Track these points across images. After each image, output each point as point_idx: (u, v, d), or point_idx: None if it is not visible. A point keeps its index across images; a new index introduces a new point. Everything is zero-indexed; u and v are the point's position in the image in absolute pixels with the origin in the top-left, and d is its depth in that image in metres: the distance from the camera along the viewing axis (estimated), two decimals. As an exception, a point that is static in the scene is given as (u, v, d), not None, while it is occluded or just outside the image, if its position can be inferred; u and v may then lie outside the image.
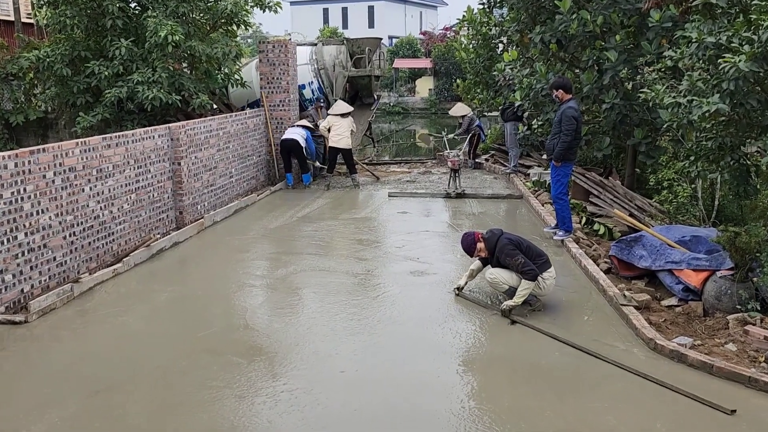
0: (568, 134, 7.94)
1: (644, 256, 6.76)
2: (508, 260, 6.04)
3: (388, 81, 44.55)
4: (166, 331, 5.80)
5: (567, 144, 7.97)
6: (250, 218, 10.11)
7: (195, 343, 5.51)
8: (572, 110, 7.97)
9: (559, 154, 8.01)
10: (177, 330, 5.84)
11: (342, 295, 6.61)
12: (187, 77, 11.40)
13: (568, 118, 7.93)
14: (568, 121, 7.93)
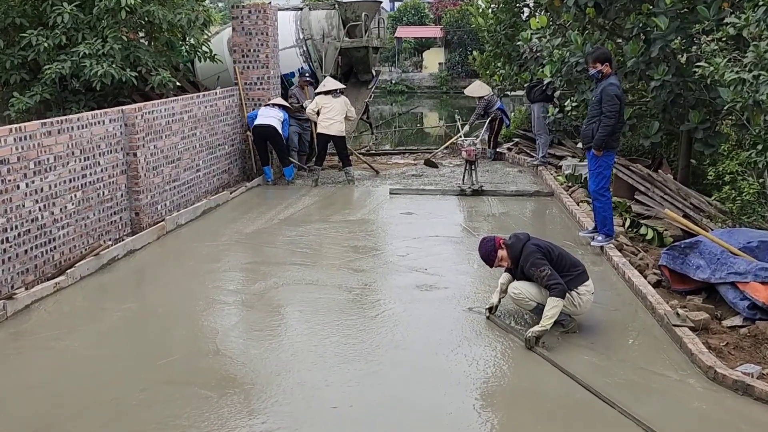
0: (610, 116, 7.91)
1: (702, 266, 6.75)
2: (532, 271, 6.03)
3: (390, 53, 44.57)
4: (119, 359, 5.78)
5: (610, 128, 7.94)
6: (221, 221, 10.12)
7: (155, 373, 5.50)
8: (615, 87, 7.95)
9: (600, 140, 7.98)
10: (133, 357, 5.82)
11: (333, 314, 6.60)
12: (144, 49, 11.41)
13: (611, 97, 7.89)
14: (610, 101, 7.90)
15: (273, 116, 12.17)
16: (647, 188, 9.63)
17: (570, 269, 6.12)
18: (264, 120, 12.09)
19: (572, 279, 6.09)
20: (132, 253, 8.51)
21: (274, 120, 12.11)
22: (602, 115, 7.94)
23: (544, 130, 13.38)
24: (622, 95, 8.06)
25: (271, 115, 12.17)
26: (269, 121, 12.07)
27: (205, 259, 8.35)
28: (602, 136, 7.96)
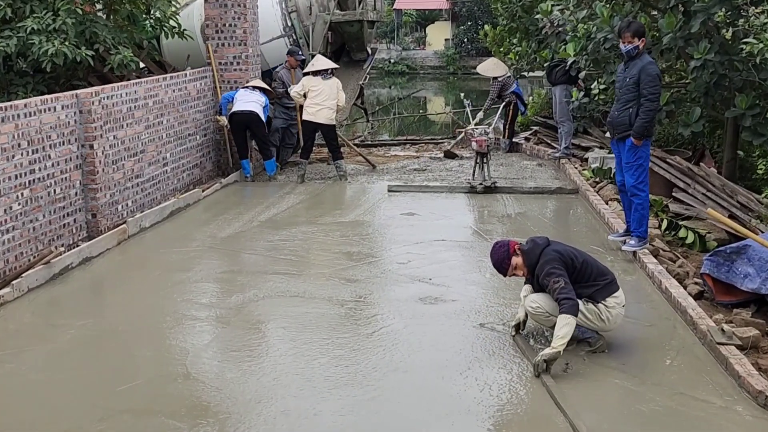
0: (653, 99, 7.95)
1: (750, 274, 6.76)
2: (546, 281, 6.01)
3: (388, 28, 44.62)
4: (73, 384, 5.77)
5: (652, 114, 8.01)
6: (192, 223, 10.12)
7: (114, 401, 5.48)
8: (655, 66, 7.99)
9: (642, 128, 7.98)
10: (89, 382, 5.80)
11: (322, 332, 6.60)
12: (102, 24, 11.39)
13: (653, 77, 7.91)
14: (651, 82, 7.91)
15: (254, 101, 12.17)
16: (687, 184, 9.65)
17: (597, 279, 6.13)
18: (244, 105, 12.10)
19: (599, 290, 6.09)
20: (88, 261, 8.50)
21: (256, 105, 12.11)
22: (643, 99, 7.96)
23: (567, 117, 13.39)
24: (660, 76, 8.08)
25: (252, 100, 12.17)
26: (251, 107, 12.07)
27: (174, 267, 8.34)
28: (645, 122, 7.97)
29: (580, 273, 6.09)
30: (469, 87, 36.09)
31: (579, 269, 6.09)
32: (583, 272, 6.11)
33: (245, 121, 12.12)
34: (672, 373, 5.84)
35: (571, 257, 6.11)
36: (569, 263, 6.07)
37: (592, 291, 6.07)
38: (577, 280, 6.08)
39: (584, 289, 6.08)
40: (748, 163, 10.27)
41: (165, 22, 12.60)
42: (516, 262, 6.27)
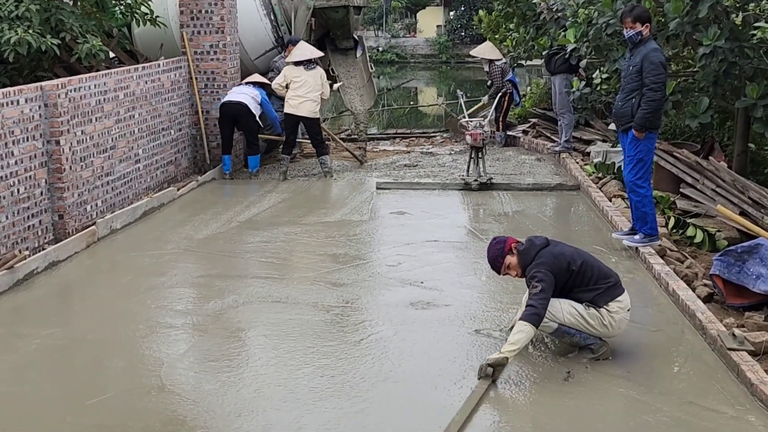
0: (656, 89, 7.96)
1: (763, 275, 6.79)
2: (528, 283, 6.08)
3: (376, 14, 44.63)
4: (39, 398, 5.75)
5: (656, 104, 8.00)
6: (166, 224, 10.11)
7: (83, 415, 5.46)
8: (659, 53, 8.00)
9: (645, 119, 8.01)
10: (56, 395, 5.78)
11: (307, 340, 6.60)
12: (69, 11, 11.35)
13: (656, 65, 7.93)
14: (655, 70, 7.94)
15: (246, 93, 12.21)
16: (695, 179, 9.68)
17: (598, 282, 6.14)
18: (234, 96, 12.17)
19: (600, 294, 6.11)
20: (55, 266, 8.47)
21: (247, 97, 12.14)
22: (646, 88, 7.98)
23: (567, 109, 13.42)
24: (667, 63, 8.08)
25: (243, 92, 12.22)
26: (240, 98, 12.12)
27: (147, 272, 8.32)
28: (647, 113, 7.99)
29: (578, 277, 6.11)
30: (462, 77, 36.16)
31: (577, 273, 6.10)
32: (583, 276, 6.12)
33: (234, 113, 12.13)
34: (680, 381, 5.85)
35: (567, 261, 6.11)
36: (563, 268, 6.08)
37: (593, 295, 6.09)
38: (576, 284, 6.11)
39: (585, 293, 6.10)
40: (760, 156, 10.32)
41: (136, 8, 12.57)
42: (510, 262, 6.30)
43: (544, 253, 6.15)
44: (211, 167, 12.67)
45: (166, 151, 11.87)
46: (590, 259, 6.31)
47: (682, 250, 8.51)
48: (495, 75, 14.73)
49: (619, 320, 6.15)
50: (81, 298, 7.82)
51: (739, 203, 8.92)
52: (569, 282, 6.10)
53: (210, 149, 12.76)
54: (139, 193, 10.97)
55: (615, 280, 6.23)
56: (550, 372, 5.98)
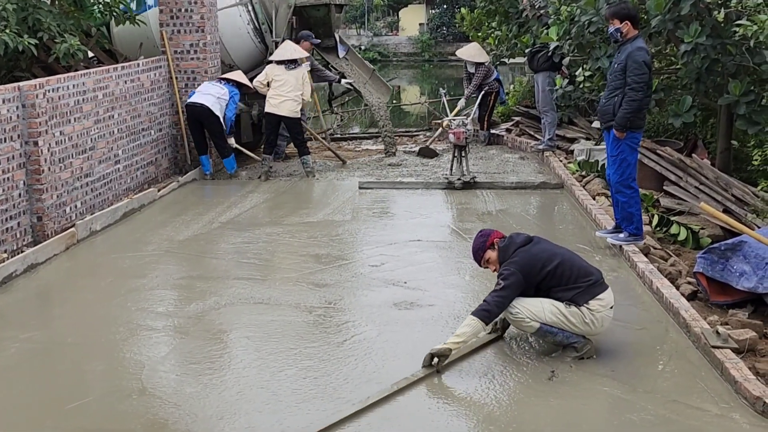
0: (638, 89, 7.98)
1: (746, 272, 6.82)
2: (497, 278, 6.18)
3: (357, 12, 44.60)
4: (18, 402, 5.71)
5: (636, 104, 8.01)
6: (147, 225, 10.07)
7: (63, 419, 5.44)
8: (644, 53, 8.00)
9: (625, 119, 8.04)
10: (35, 399, 5.75)
11: (289, 341, 6.59)
12: (46, 10, 11.31)
13: (639, 64, 7.94)
14: (638, 69, 7.95)
15: (212, 93, 12.12)
16: (679, 177, 9.73)
17: (578, 281, 6.15)
18: (197, 97, 12.07)
19: (580, 292, 6.12)
20: (34, 268, 8.42)
21: (211, 99, 12.05)
22: (627, 88, 8.00)
23: (550, 107, 13.45)
24: (651, 63, 8.10)
25: (209, 92, 12.12)
26: (203, 100, 12.03)
27: (127, 274, 8.29)
28: (627, 113, 8.01)
29: (554, 277, 6.13)
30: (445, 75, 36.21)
31: (552, 273, 6.13)
32: (560, 276, 6.15)
33: (196, 116, 12.09)
34: (664, 380, 5.87)
35: (542, 262, 6.15)
36: (536, 268, 6.13)
37: (573, 294, 6.11)
38: (554, 284, 6.15)
39: (564, 292, 6.13)
40: (743, 153, 10.37)
41: (115, 7, 12.53)
42: (490, 256, 6.40)
43: (520, 251, 6.20)
44: (191, 168, 12.63)
45: (147, 152, 11.83)
46: (570, 258, 6.32)
47: (665, 248, 8.54)
48: (479, 76, 14.68)
49: (601, 318, 6.16)
50: (60, 301, 7.78)
51: (722, 200, 8.97)
52: (545, 282, 6.15)
53: (191, 150, 12.73)
54: (119, 195, 10.93)
55: (596, 278, 6.24)
56: (535, 371, 5.99)
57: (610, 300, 6.23)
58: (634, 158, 8.31)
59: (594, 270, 6.33)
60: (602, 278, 6.32)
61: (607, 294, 6.23)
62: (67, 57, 11.20)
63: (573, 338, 6.15)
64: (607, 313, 6.21)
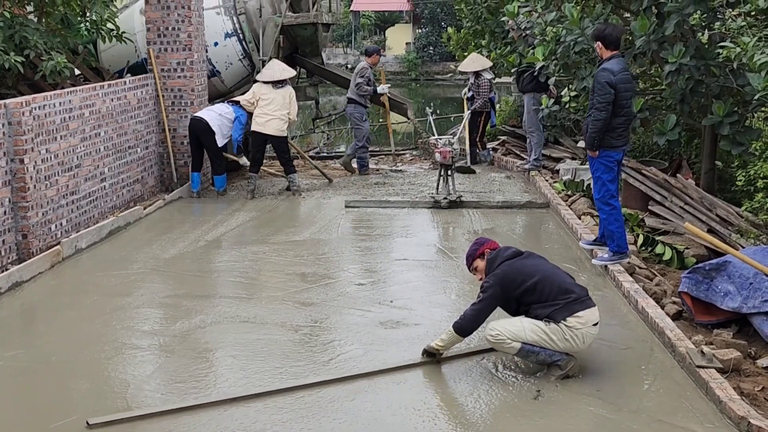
0: (601, 108, 8.12)
1: (731, 292, 6.85)
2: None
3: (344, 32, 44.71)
4: (1, 420, 5.67)
5: (600, 123, 8.15)
6: (133, 244, 10.05)
7: (47, 439, 5.40)
8: (607, 74, 8.11)
9: (591, 138, 8.22)
10: (18, 418, 5.72)
11: (275, 360, 6.58)
12: (33, 28, 11.30)
13: (601, 85, 8.12)
14: (601, 90, 8.13)
15: (214, 110, 12.28)
16: (664, 197, 9.77)
17: (557, 298, 6.15)
18: (200, 112, 12.23)
19: (558, 309, 6.12)
20: (18, 286, 8.39)
21: (212, 114, 12.17)
22: (592, 108, 8.21)
23: (536, 127, 13.51)
24: (624, 80, 8.17)
25: (212, 108, 12.33)
26: (203, 115, 12.15)
27: (113, 292, 8.27)
28: (592, 132, 8.20)
29: (533, 293, 6.16)
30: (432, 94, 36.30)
31: (530, 289, 6.17)
32: (540, 292, 6.17)
33: (195, 130, 12.14)
34: (650, 399, 5.89)
35: (522, 277, 6.20)
36: (516, 282, 6.20)
37: (551, 311, 6.12)
38: (533, 300, 6.18)
39: (542, 309, 6.15)
40: (727, 174, 10.41)
41: (102, 25, 12.53)
42: (478, 265, 6.53)
43: (504, 264, 6.28)
44: (178, 186, 12.62)
45: (133, 170, 11.81)
46: (553, 274, 6.34)
47: (650, 268, 8.57)
48: (483, 88, 14.54)
49: (582, 335, 6.14)
50: (45, 320, 7.74)
51: (707, 221, 9.01)
52: (524, 297, 6.19)
53: (177, 167, 12.72)
54: (105, 212, 10.90)
55: (577, 296, 6.22)
56: (520, 391, 6.00)
57: (591, 318, 6.20)
58: (609, 176, 8.39)
59: (577, 288, 6.32)
60: (586, 296, 6.30)
61: (588, 312, 6.19)
62: (54, 74, 11.19)
63: (556, 356, 6.15)
64: (589, 330, 6.19)
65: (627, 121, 8.38)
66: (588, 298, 6.30)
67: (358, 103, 14.14)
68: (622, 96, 8.14)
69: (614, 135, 8.25)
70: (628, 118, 8.37)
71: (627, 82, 8.23)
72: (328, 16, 15.62)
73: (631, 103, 8.37)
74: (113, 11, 13.00)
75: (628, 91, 8.23)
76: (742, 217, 8.89)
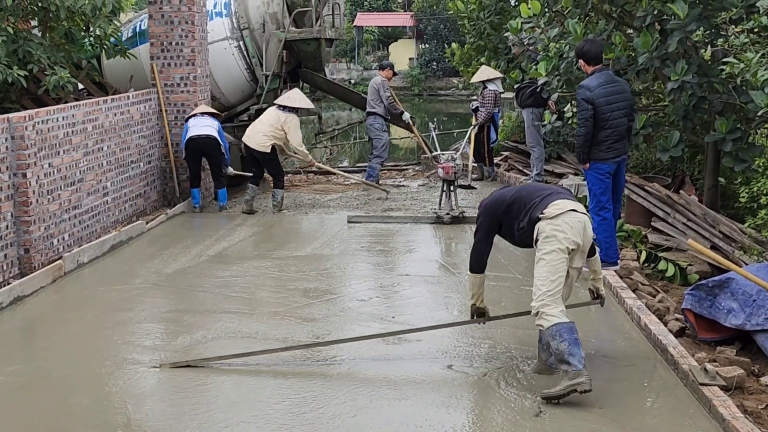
0: (581, 124, 8.63)
1: (734, 309, 6.83)
2: None
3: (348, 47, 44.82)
4: (1, 437, 5.67)
5: (582, 138, 8.66)
6: (135, 258, 10.05)
7: (47, 455, 5.40)
8: (582, 91, 8.62)
9: (577, 151, 8.85)
10: (19, 434, 5.70)
11: (277, 376, 6.57)
12: (37, 42, 11.36)
13: (579, 101, 8.65)
14: (579, 106, 8.64)
15: (209, 125, 12.21)
16: (666, 213, 9.75)
17: (533, 198, 6.37)
18: (200, 130, 12.11)
19: (535, 206, 6.31)
20: (20, 301, 8.39)
21: (212, 130, 12.15)
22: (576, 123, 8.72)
23: (537, 142, 13.51)
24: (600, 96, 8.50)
25: (206, 124, 12.20)
26: (207, 131, 12.11)
27: (114, 307, 8.26)
28: (578, 147, 8.84)
29: (514, 204, 6.45)
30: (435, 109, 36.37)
31: (510, 204, 6.47)
32: (519, 202, 6.43)
33: (203, 147, 12.11)
34: (653, 417, 5.87)
35: (502, 198, 6.55)
36: (498, 203, 6.57)
37: (530, 213, 6.32)
38: (516, 212, 6.43)
39: (524, 216, 6.36)
40: (730, 190, 10.40)
41: (106, 40, 12.58)
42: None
43: (483, 207, 6.67)
44: (180, 200, 12.63)
45: (135, 184, 11.83)
46: (530, 186, 6.98)
47: (653, 284, 8.55)
48: (487, 98, 14.44)
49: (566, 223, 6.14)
50: (46, 334, 7.73)
51: (710, 237, 9.00)
52: (509, 213, 6.47)
53: (180, 182, 12.74)
54: (107, 227, 10.91)
55: (552, 191, 6.45)
56: (522, 408, 5.97)
57: (566, 204, 6.22)
58: (599, 189, 8.77)
59: (552, 188, 6.61)
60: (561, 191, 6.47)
61: (562, 201, 6.25)
62: (57, 89, 11.24)
63: (575, 358, 5.87)
64: (570, 218, 6.16)
65: (615, 133, 8.64)
66: (567, 193, 6.50)
67: (378, 115, 14.24)
68: (603, 110, 8.52)
69: (602, 148, 8.65)
70: (615, 130, 8.63)
71: (610, 95, 8.55)
72: (332, 31, 15.67)
73: (619, 115, 8.66)
74: (117, 26, 13.05)
75: (611, 104, 8.55)
76: (746, 234, 8.87)
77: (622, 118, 8.65)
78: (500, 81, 14.65)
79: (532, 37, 10.98)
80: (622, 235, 9.94)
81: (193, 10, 12.53)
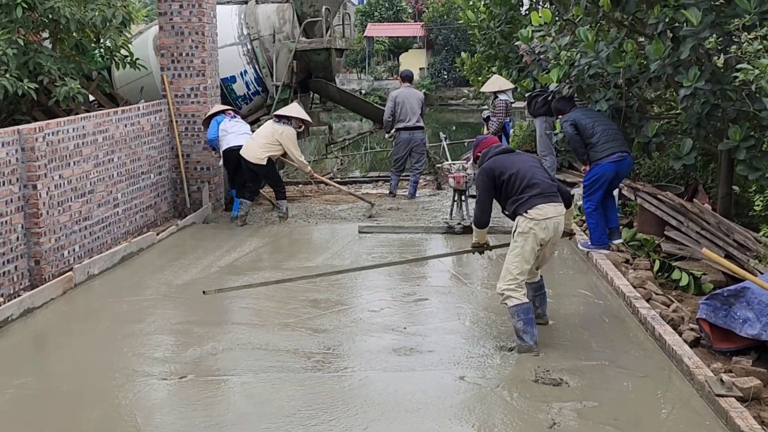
0: (570, 140, 9.82)
1: (750, 319, 6.78)
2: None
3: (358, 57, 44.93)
4: (11, 450, 5.66)
5: (575, 147, 9.84)
6: (145, 269, 10.05)
7: (57, 468, 5.37)
8: (563, 118, 10.01)
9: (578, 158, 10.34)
10: (29, 447, 5.69)
11: (288, 387, 6.54)
12: (47, 54, 11.39)
13: (562, 125, 9.99)
14: (563, 130, 9.93)
15: (246, 132, 12.25)
16: (680, 222, 9.69)
17: (523, 191, 7.10)
18: (239, 139, 12.12)
19: (521, 203, 7.07)
20: (30, 313, 8.38)
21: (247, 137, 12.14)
22: None
23: (548, 151, 13.45)
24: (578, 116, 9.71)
25: (244, 131, 12.23)
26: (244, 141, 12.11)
27: (125, 318, 8.25)
28: (576, 155, 10.33)
29: (507, 186, 7.20)
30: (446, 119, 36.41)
31: (505, 183, 7.20)
32: (512, 186, 7.16)
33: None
34: (668, 429, 5.82)
35: (499, 172, 7.26)
36: (495, 172, 7.28)
37: (517, 206, 7.12)
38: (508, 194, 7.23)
39: (511, 205, 7.21)
40: (745, 199, 10.34)
41: (116, 51, 12.61)
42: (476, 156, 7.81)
43: (489, 160, 7.39)
44: (191, 211, 12.63)
45: (146, 195, 11.83)
46: (527, 169, 7.23)
47: (667, 294, 8.50)
48: (498, 108, 14.30)
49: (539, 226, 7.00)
50: (56, 347, 7.72)
51: (724, 246, 8.94)
52: (503, 190, 7.26)
53: (190, 193, 12.75)
54: (118, 238, 10.91)
55: (541, 190, 7.09)
56: (535, 421, 5.93)
57: (549, 211, 7.04)
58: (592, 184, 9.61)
59: (544, 183, 7.16)
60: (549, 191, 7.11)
61: (548, 206, 7.05)
62: (68, 100, 11.26)
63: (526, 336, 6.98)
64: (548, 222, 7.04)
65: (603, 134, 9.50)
66: (552, 194, 7.13)
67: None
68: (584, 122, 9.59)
69: (597, 149, 9.47)
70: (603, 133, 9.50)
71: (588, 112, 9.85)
72: (342, 41, 15.70)
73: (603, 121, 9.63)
74: (127, 38, 13.08)
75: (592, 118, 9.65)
76: (760, 243, 8.81)
77: (606, 122, 9.65)
78: (511, 91, 14.58)
79: (543, 46, 10.95)
80: (635, 245, 9.91)
81: (203, 21, 12.55)
